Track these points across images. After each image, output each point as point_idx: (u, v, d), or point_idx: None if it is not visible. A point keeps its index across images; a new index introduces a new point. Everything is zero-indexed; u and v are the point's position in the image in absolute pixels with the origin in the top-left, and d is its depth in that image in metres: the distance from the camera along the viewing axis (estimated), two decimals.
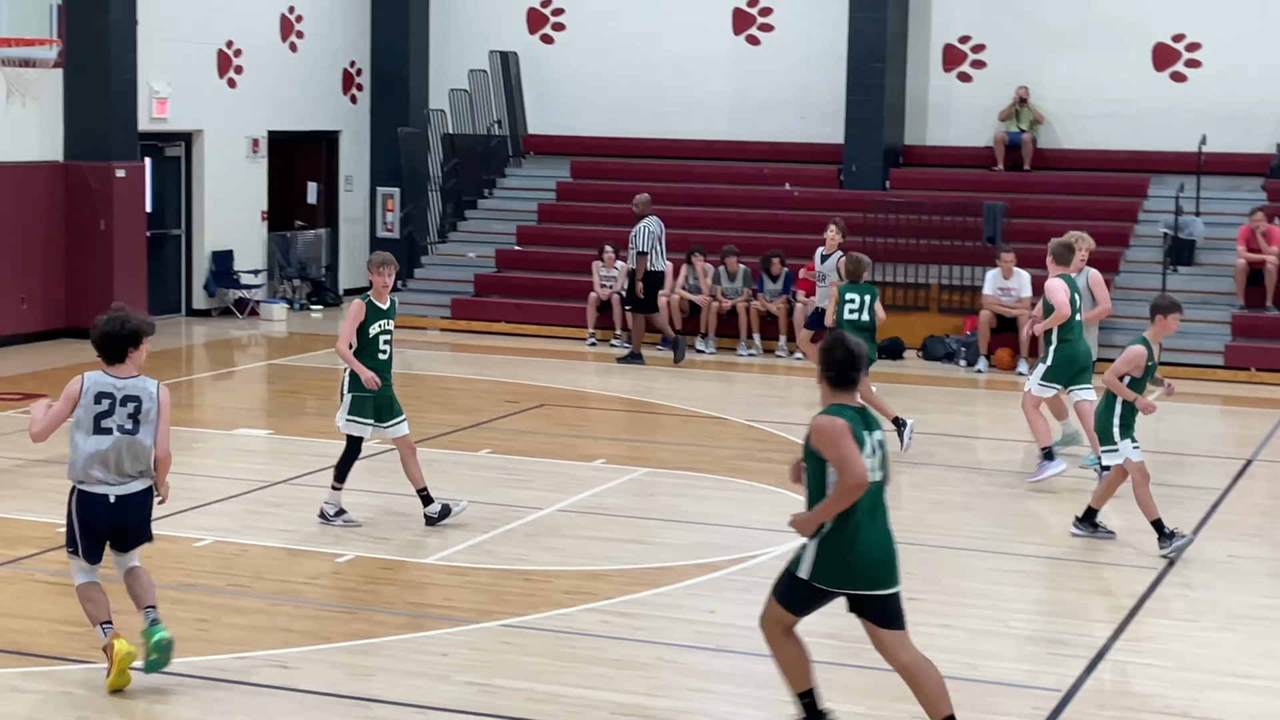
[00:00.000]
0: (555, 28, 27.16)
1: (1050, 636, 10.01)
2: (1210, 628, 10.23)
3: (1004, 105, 24.87)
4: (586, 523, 12.60)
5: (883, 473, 7.59)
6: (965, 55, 25.28)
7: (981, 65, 25.20)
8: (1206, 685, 9.05)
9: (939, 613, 10.33)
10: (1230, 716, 8.55)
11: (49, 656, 9.18)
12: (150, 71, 22.72)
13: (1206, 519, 12.92)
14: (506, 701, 8.54)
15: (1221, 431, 17.45)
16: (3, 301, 20.94)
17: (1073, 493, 13.42)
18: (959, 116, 25.36)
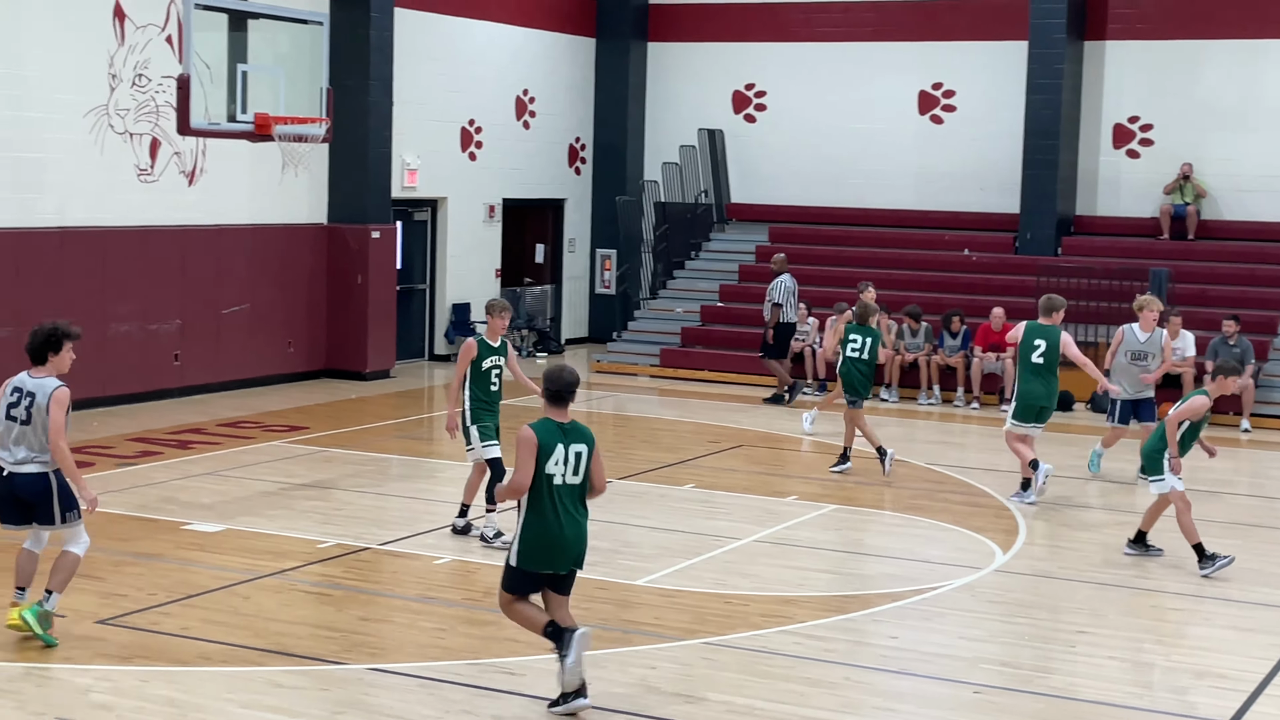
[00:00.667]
0: (757, 108, 27.28)
1: (1209, 670, 9.80)
2: None
3: (1169, 180, 24.43)
4: (780, 553, 12.61)
5: (577, 478, 8.29)
6: (1134, 134, 24.89)
7: (1149, 143, 24.79)
8: None
9: (1105, 645, 10.21)
10: None
11: (308, 657, 9.43)
12: (403, 145, 23.28)
13: None
14: (709, 713, 8.61)
15: None
16: (273, 345, 21.55)
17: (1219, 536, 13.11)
18: (1127, 189, 24.96)
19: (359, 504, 13.95)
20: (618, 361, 24.55)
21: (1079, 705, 9.00)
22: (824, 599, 11.18)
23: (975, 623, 10.76)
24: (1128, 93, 24.86)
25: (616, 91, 27.70)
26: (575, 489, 8.29)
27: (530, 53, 26.27)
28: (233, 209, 20.90)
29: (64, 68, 18.38)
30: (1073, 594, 11.60)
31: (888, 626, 10.53)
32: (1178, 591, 11.69)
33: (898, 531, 13.51)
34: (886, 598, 11.24)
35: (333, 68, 21.19)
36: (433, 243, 24.87)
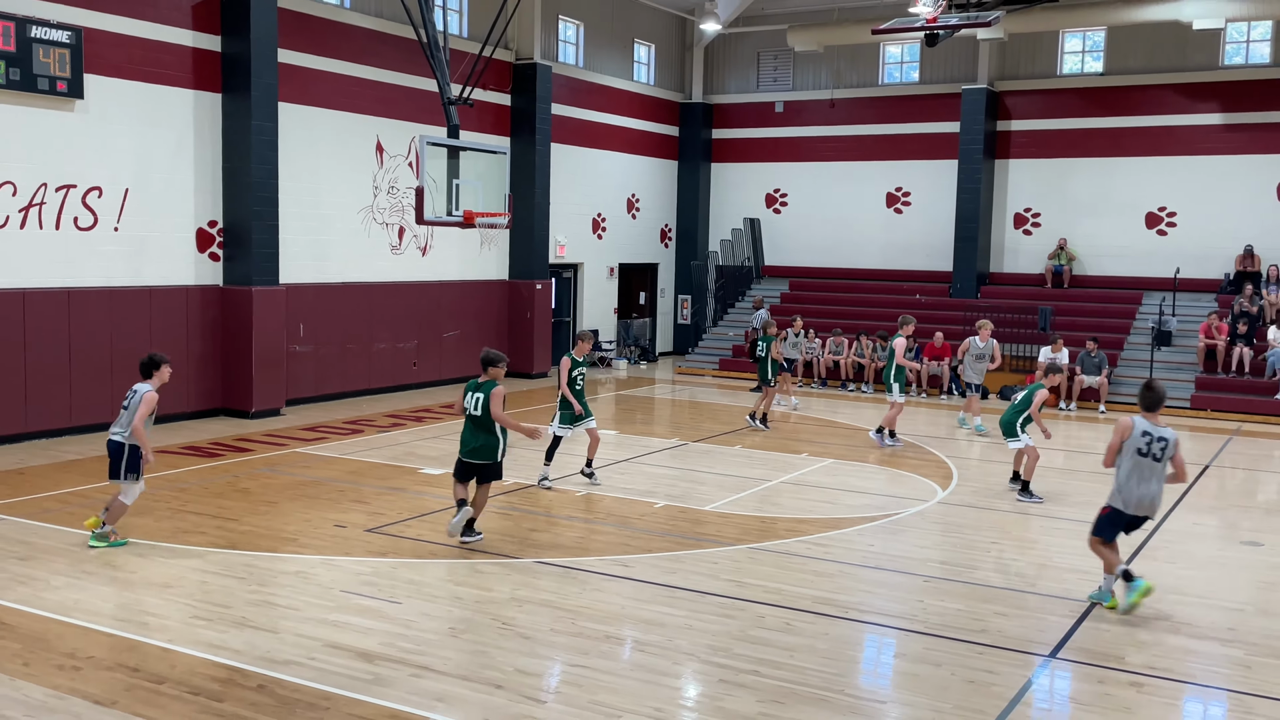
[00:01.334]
0: (781, 204, 27.17)
1: (1075, 566, 9.62)
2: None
3: (1051, 249, 24.02)
4: (796, 490, 12.57)
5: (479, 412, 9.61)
6: (1028, 219, 24.49)
7: (1038, 225, 24.38)
8: (1179, 603, 8.59)
9: (1009, 551, 10.06)
10: (1196, 623, 8.12)
11: (497, 553, 9.54)
12: (556, 229, 23.46)
13: (1179, 501, 12.29)
14: (750, 592, 8.60)
15: (1189, 448, 16.51)
16: (475, 355, 21.75)
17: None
18: (1024, 255, 24.56)
19: (525, 456, 14.10)
20: (692, 367, 24.54)
21: (993, 590, 8.91)
22: (826, 520, 11.14)
23: (924, 537, 10.67)
24: (1024, 192, 24.49)
25: (690, 195, 27.72)
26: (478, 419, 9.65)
27: (636, 170, 26.36)
28: (450, 271, 21.15)
29: (345, 182, 18.74)
30: (986, 518, 11.47)
31: (867, 538, 10.48)
32: (1053, 516, 11.53)
33: (873, 477, 13.43)
34: (866, 519, 11.18)
35: (513, 181, 21.61)
36: (574, 291, 25.03)
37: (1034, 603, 8.58)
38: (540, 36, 22.40)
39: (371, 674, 6.82)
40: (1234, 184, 22.30)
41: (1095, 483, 13.31)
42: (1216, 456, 15.55)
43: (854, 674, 7.17)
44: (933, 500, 12.14)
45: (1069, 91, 23.81)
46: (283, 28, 16.96)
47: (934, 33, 17.74)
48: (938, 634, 7.80)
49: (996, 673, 7.09)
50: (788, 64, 26.81)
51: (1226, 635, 7.94)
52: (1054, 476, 13.51)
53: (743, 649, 7.39)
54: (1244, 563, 10.01)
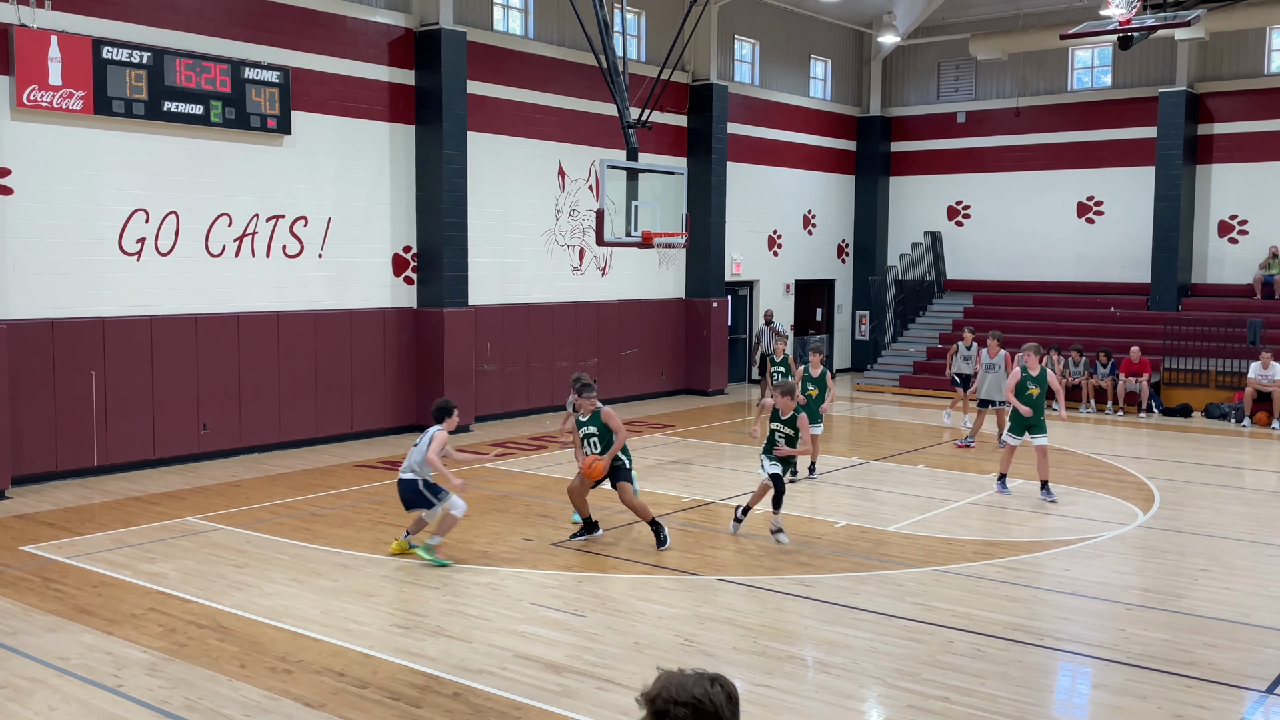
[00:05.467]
0: (964, 216, 26.40)
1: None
2: None
3: (1261, 258, 22.46)
4: (985, 512, 12.15)
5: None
6: (1233, 226, 23.00)
7: (1245, 232, 22.87)
8: None
9: (1219, 579, 9.46)
10: None
11: (678, 570, 9.55)
12: (732, 247, 23.50)
13: None
14: (938, 616, 8.37)
15: None
16: (653, 373, 22.00)
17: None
18: (1229, 265, 23.07)
19: (706, 474, 14.14)
20: (871, 384, 24.08)
21: (1201, 619, 8.38)
22: (1016, 543, 10.72)
23: (1124, 562, 10.15)
24: (1228, 198, 23.01)
25: (868, 209, 27.27)
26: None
27: (812, 186, 26.14)
28: (629, 290, 21.47)
29: (530, 207, 19.31)
30: (1193, 543, 10.80)
31: (1062, 562, 10.03)
32: (1268, 543, 10.75)
33: (1068, 498, 12.84)
34: (1061, 543, 10.71)
35: (689, 200, 21.66)
36: (750, 308, 24.98)
37: (1248, 634, 8.02)
38: (716, 57, 22.54)
39: (560, 685, 6.97)
40: None
41: None
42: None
43: (1049, 704, 6.87)
44: (1133, 524, 11.51)
45: (1278, 91, 22.26)
46: (471, 60, 17.65)
47: (1128, 35, 16.90)
48: (1141, 664, 7.39)
49: (1208, 708, 6.66)
50: (969, 73, 26.08)
51: None
52: (1270, 499, 12.61)
53: (931, 674, 7.18)
54: None
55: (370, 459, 14.96)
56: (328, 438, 16.20)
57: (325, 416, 16.21)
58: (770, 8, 24.24)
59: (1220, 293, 22.95)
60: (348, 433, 16.50)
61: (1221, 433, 18.14)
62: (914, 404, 21.75)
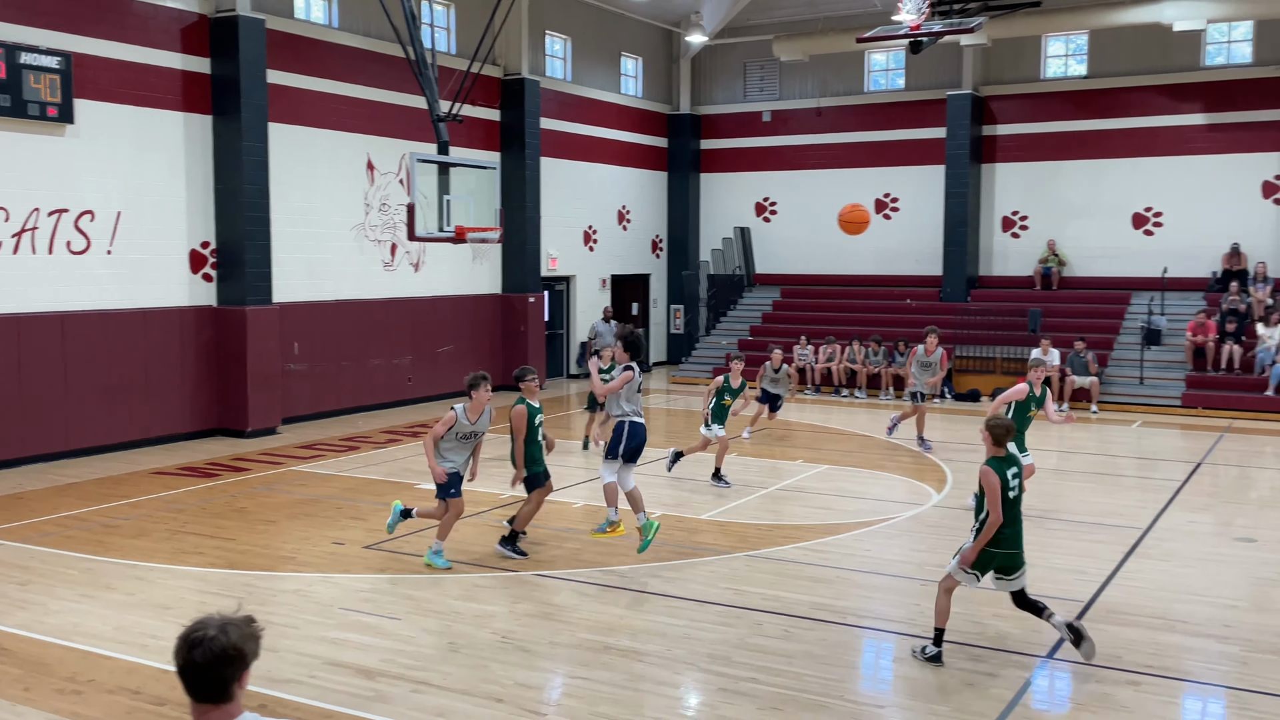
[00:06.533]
0: (772, 212, 27.23)
1: (1073, 567, 9.66)
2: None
3: (1040, 251, 24.10)
4: (793, 497, 12.57)
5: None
6: (1015, 222, 24.57)
7: (1026, 228, 24.47)
8: (1174, 600, 8.65)
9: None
10: (1193, 620, 8.17)
11: (496, 567, 9.52)
12: (548, 243, 23.49)
13: (1173, 499, 12.30)
14: (749, 600, 8.60)
15: (1181, 445, 16.54)
16: (470, 370, 21.76)
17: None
18: (1013, 258, 24.64)
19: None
20: (686, 376, 24.54)
21: (990, 592, 8.88)
22: (822, 526, 11.14)
23: (920, 540, 10.69)
24: (1011, 196, 24.57)
25: (680, 205, 27.77)
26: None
27: (626, 182, 26.40)
28: (443, 285, 21.15)
29: (339, 201, 18.76)
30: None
31: (864, 543, 10.49)
32: (1049, 517, 11.55)
33: (868, 482, 13.44)
34: (863, 524, 11.19)
35: (504, 195, 21.48)
36: (567, 303, 25.03)
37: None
38: (528, 52, 22.45)
39: (372, 691, 6.80)
40: (1219, 183, 22.39)
41: (1089, 483, 13.33)
42: (1209, 454, 15.58)
43: (853, 679, 7.16)
44: (928, 504, 12.14)
45: (1053, 95, 23.91)
46: (271, 49, 16.98)
47: (918, 40, 17.81)
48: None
49: (995, 675, 7.08)
50: (774, 74, 26.89)
51: (1222, 632, 7.95)
52: (1049, 479, 13.52)
53: (741, 657, 7.38)
54: (1238, 559, 10.02)
55: (168, 465, 14.22)
56: (121, 444, 15.28)
57: (118, 422, 15.28)
58: (581, 4, 24.32)
59: (1005, 284, 24.48)
60: (144, 439, 15.61)
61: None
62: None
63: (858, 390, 21.98)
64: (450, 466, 9.43)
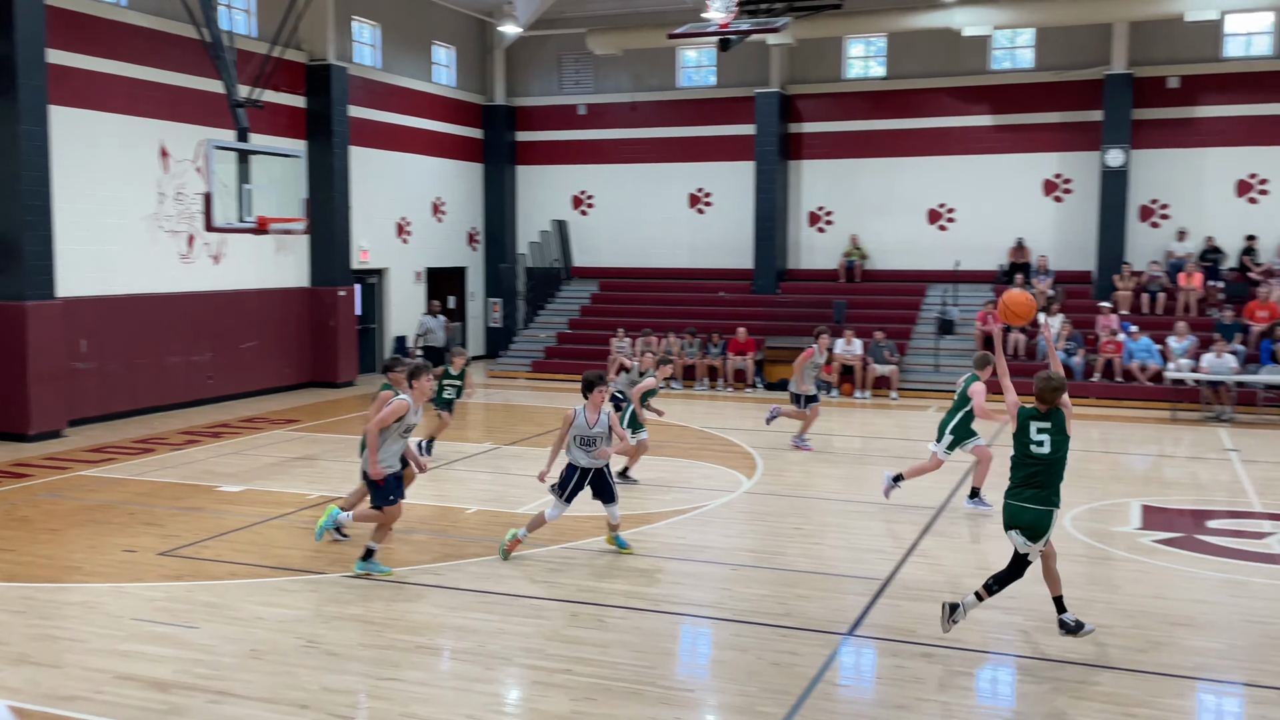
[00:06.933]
0: (588, 206, 27.35)
1: (873, 547, 10.10)
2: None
3: (844, 245, 25.07)
4: None
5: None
6: (821, 217, 25.48)
7: (831, 223, 25.40)
8: (965, 575, 9.15)
9: (813, 537, 10.41)
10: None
11: (303, 570, 9.24)
12: (358, 235, 22.87)
13: (964, 479, 13.01)
14: (564, 592, 8.61)
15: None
16: (275, 366, 21.02)
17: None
18: (819, 252, 25.54)
19: (335, 469, 13.69)
20: (504, 370, 24.39)
21: (796, 574, 9.22)
22: (636, 516, 11.22)
23: (730, 526, 10.94)
24: (816, 192, 25.46)
25: (497, 197, 27.54)
26: None
27: (440, 173, 25.99)
28: (246, 278, 20.29)
29: (128, 189, 17.73)
30: (789, 505, 11.86)
31: (677, 531, 10.65)
32: (851, 500, 12.03)
33: (681, 471, 13.66)
34: (676, 513, 11.37)
35: (311, 185, 20.93)
36: (380, 297, 24.46)
37: (835, 584, 8.92)
38: (334, 37, 21.78)
39: (166, 704, 6.46)
40: (1005, 181, 23.84)
41: (890, 466, 13.96)
42: (996, 436, 16.56)
43: (665, 665, 7.27)
44: (738, 491, 12.45)
45: (855, 95, 24.90)
46: (53, 27, 15.86)
47: (726, 38, 18.22)
48: (745, 620, 8.00)
49: (799, 653, 7.33)
50: (589, 67, 26.98)
51: (1009, 604, 8.44)
52: (852, 463, 14.10)
53: (555, 649, 7.38)
54: None
55: None
56: None
57: None
58: None
59: (811, 277, 25.36)
60: None
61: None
62: (547, 388, 22.28)
63: (674, 381, 22.34)
64: (389, 469, 8.78)
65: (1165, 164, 22.63)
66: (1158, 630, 7.82)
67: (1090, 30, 22.71)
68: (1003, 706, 6.68)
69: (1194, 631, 7.84)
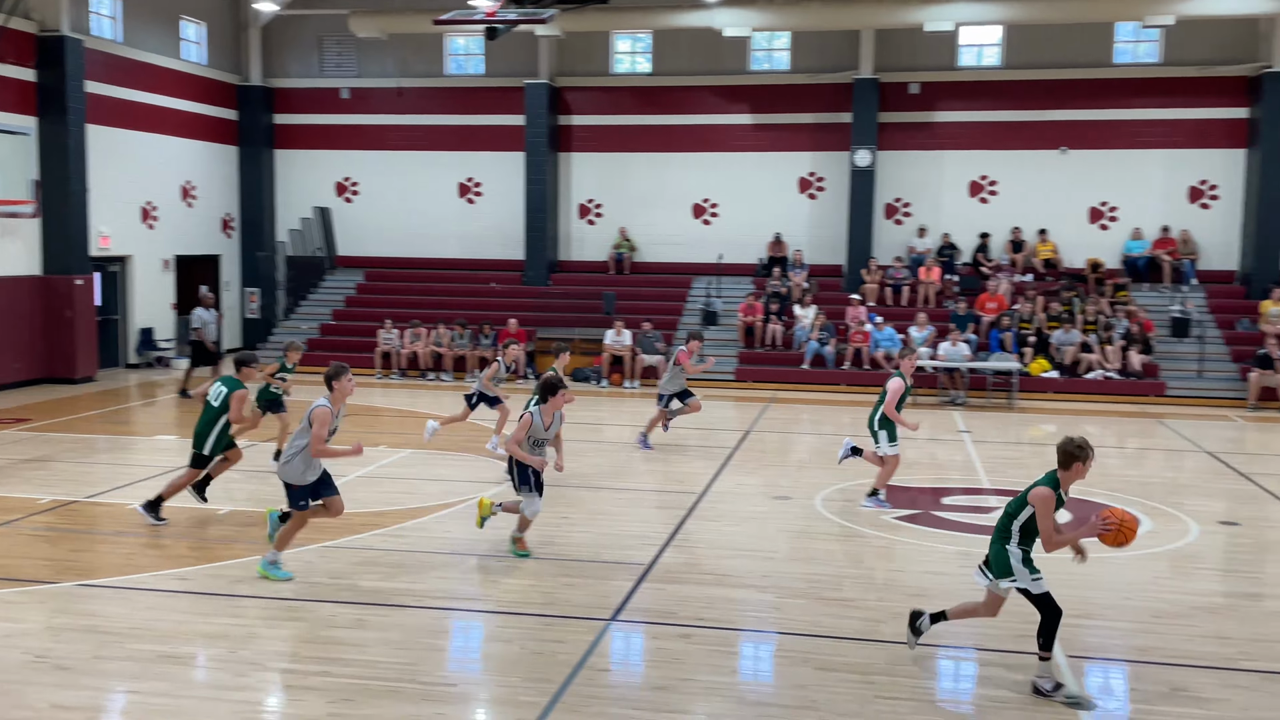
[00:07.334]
0: (353, 193, 26.57)
1: (639, 534, 10.31)
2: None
3: (613, 238, 25.44)
4: (373, 483, 12.37)
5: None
6: (591, 209, 25.77)
7: (600, 215, 25.72)
8: (722, 557, 9.48)
9: (571, 518, 10.52)
10: (737, 574, 8.98)
11: (31, 580, 8.57)
12: (98, 219, 21.32)
13: (724, 465, 13.47)
14: (322, 592, 8.37)
15: (734, 416, 18.16)
16: (4, 361, 19.34)
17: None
18: (590, 244, 25.82)
19: (70, 470, 12.74)
20: (261, 363, 23.26)
21: (563, 563, 9.27)
22: (404, 511, 11.05)
23: (501, 518, 10.30)
24: (586, 184, 25.72)
25: (254, 182, 26.31)
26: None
27: (190, 155, 24.57)
28: None
29: None
30: (559, 494, 11.91)
31: (445, 525, 10.53)
32: (616, 488, 12.22)
33: (453, 465, 13.53)
34: (445, 506, 11.25)
35: (43, 165, 19.37)
36: (124, 286, 22.89)
37: (600, 570, 9.07)
38: (68, 6, 20.17)
39: None
40: (764, 178, 24.84)
41: (653, 453, 14.27)
42: (756, 423, 17.27)
43: (427, 662, 7.17)
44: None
45: (623, 90, 25.30)
46: None
47: (493, 26, 18.11)
48: (509, 611, 8.02)
49: (564, 641, 7.40)
50: (352, 50, 26.17)
51: (761, 582, 8.85)
52: (620, 451, 14.34)
53: (311, 651, 7.15)
54: (776, 515, 11.19)
55: None
56: None
57: None
58: None
59: (582, 269, 25.61)
60: None
61: (586, 393, 20.30)
62: (309, 383, 21.47)
63: (444, 374, 22.05)
64: (314, 476, 8.59)
65: (908, 165, 24.21)
66: (898, 602, 8.37)
67: (841, 36, 23.97)
68: (761, 682, 6.99)
69: (929, 601, 8.43)
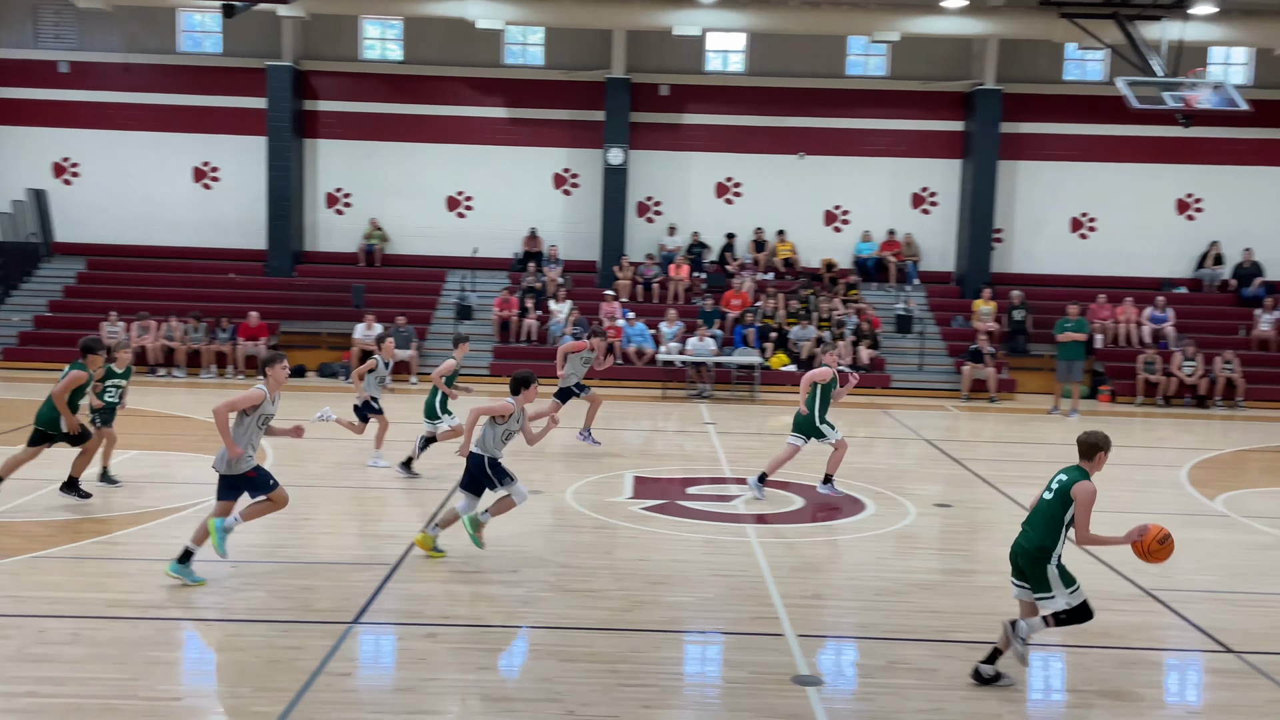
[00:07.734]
0: (73, 174, 24.62)
1: (387, 533, 10.06)
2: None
3: (363, 228, 24.77)
4: (95, 487, 11.46)
5: None
6: (339, 199, 24.98)
7: (350, 205, 24.99)
8: (476, 553, 9.39)
9: (336, 518, 10.16)
10: (486, 569, 8.91)
11: None
12: None
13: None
14: (31, 606, 7.71)
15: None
16: None
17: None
18: (338, 234, 25.05)
19: None
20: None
21: (304, 565, 8.94)
22: (127, 516, 10.33)
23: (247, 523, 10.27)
24: (334, 172, 24.92)
25: None
26: None
27: None
28: None
29: None
30: (304, 495, 11.46)
31: (173, 530, 9.84)
32: (381, 486, 11.93)
33: (183, 465, 12.81)
34: (174, 510, 10.60)
35: None
36: None
37: (343, 573, 8.79)
38: None
39: None
40: (520, 173, 24.84)
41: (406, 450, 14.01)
42: None
43: (149, 676, 6.71)
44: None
45: (372, 77, 24.65)
46: None
47: (230, 3, 17.20)
48: (242, 619, 7.64)
49: (301, 646, 7.12)
50: (72, 20, 24.23)
51: (511, 577, 8.84)
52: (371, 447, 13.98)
53: (18, 670, 6.56)
54: (529, 510, 11.16)
55: None
56: None
57: None
58: None
59: (330, 260, 24.80)
60: None
61: (336, 389, 19.67)
62: (23, 379, 19.77)
63: (176, 369, 20.79)
64: (249, 459, 8.33)
65: (658, 164, 24.84)
66: (641, 590, 8.57)
67: (594, 34, 24.28)
68: (504, 678, 6.97)
69: (672, 589, 8.70)
